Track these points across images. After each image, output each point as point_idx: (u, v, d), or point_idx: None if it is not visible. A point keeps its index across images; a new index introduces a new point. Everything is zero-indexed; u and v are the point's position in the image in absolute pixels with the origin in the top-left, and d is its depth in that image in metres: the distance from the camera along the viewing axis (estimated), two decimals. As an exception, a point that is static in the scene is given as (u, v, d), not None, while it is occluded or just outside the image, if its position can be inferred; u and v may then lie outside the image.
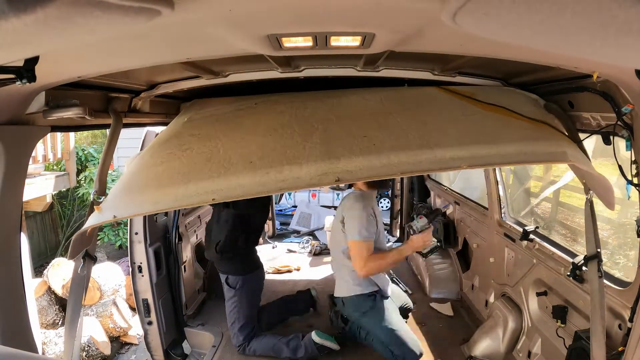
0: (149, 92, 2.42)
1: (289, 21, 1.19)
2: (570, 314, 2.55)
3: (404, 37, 1.31)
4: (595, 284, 1.95)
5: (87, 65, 1.53)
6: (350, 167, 1.70)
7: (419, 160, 1.72)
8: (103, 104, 2.18)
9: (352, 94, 2.27)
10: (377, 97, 2.20)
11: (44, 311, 5.30)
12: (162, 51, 1.46)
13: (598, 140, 1.97)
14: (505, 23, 0.90)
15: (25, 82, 1.16)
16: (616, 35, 0.81)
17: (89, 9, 0.72)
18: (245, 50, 1.45)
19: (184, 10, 0.93)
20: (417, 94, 2.25)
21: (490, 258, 3.70)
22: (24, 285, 1.79)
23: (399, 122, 1.94)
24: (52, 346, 4.94)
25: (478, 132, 1.88)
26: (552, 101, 2.15)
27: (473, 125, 1.93)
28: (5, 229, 1.69)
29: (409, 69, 2.24)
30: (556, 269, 2.68)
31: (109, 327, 5.39)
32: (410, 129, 1.87)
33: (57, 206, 8.87)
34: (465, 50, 1.52)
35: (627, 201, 2.37)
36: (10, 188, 1.67)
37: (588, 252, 2.04)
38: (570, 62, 1.55)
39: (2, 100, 1.52)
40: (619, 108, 1.67)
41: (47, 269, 5.57)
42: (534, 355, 2.91)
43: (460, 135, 1.83)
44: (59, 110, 1.80)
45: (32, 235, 8.03)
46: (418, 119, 1.97)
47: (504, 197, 3.63)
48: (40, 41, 0.86)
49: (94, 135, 10.72)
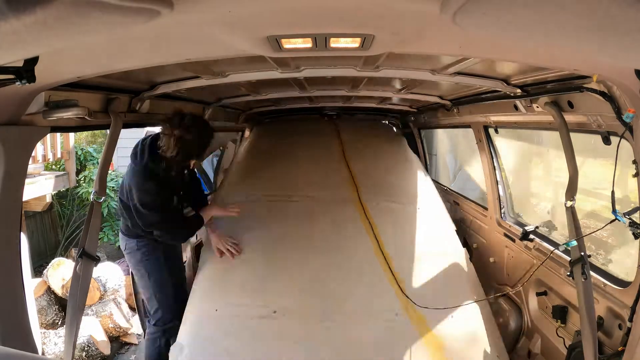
0: (149, 92, 2.42)
1: (288, 23, 1.19)
2: (570, 314, 2.55)
3: (404, 38, 1.31)
4: (580, 287, 1.97)
5: (87, 66, 1.53)
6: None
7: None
8: (103, 105, 2.18)
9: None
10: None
11: (44, 311, 5.30)
12: (161, 52, 1.46)
13: (598, 140, 1.97)
14: (504, 23, 0.90)
15: (25, 83, 1.16)
16: (615, 35, 0.81)
17: (88, 10, 0.72)
18: (245, 51, 1.45)
19: (184, 11, 0.93)
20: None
21: (490, 258, 3.70)
22: (23, 285, 1.79)
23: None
24: (51, 346, 4.94)
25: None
26: (552, 101, 2.15)
27: None
28: (5, 229, 1.69)
29: (409, 69, 2.25)
30: (556, 269, 2.68)
31: (108, 327, 5.39)
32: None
33: (57, 206, 8.86)
34: (465, 52, 1.52)
35: (626, 201, 2.37)
36: (10, 188, 1.67)
37: (573, 257, 2.05)
38: (569, 64, 1.55)
39: (2, 101, 1.52)
40: (618, 108, 1.67)
41: (46, 269, 5.57)
42: (534, 355, 2.91)
43: None
44: (58, 111, 1.80)
45: (31, 235, 8.02)
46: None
47: (504, 197, 3.63)
48: (40, 42, 0.86)
49: (94, 134, 10.71)
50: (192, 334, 2.51)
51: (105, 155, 2.25)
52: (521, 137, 3.67)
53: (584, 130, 2.21)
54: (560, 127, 2.12)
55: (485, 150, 3.60)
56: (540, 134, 3.38)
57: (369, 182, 3.47)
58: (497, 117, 3.16)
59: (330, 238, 2.99)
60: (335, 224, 3.09)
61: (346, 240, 2.97)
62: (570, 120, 2.14)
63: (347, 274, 2.76)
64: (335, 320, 2.52)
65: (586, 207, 2.89)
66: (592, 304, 1.96)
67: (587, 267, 1.97)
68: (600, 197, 2.74)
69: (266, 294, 2.63)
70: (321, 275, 2.74)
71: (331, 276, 2.74)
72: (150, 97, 2.47)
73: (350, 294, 2.64)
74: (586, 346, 1.93)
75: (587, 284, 1.95)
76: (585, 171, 2.73)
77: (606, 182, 1.87)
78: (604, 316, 2.15)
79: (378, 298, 2.63)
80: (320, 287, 2.67)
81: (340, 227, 3.07)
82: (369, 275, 2.75)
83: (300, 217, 3.15)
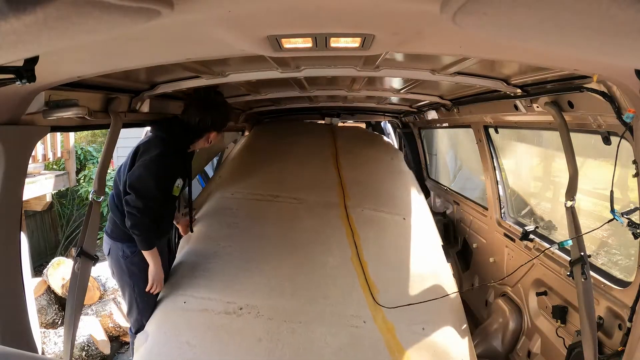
0: (149, 92, 2.42)
1: (288, 22, 1.19)
2: (570, 314, 2.55)
3: (404, 38, 1.31)
4: (580, 287, 1.97)
5: (87, 66, 1.53)
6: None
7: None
8: (103, 104, 2.18)
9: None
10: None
11: (44, 311, 5.30)
12: (161, 51, 1.47)
13: (597, 140, 1.97)
14: (504, 22, 0.90)
15: (25, 82, 1.16)
16: (615, 35, 0.81)
17: (89, 9, 0.72)
18: (245, 51, 1.45)
19: (184, 11, 0.93)
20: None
21: (490, 258, 3.70)
22: (23, 284, 1.79)
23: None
24: (51, 345, 4.94)
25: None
26: (552, 101, 2.15)
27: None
28: (5, 229, 1.69)
29: (409, 69, 2.25)
30: (556, 269, 2.68)
31: (108, 326, 5.39)
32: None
33: (57, 205, 8.86)
34: (465, 52, 1.52)
35: (626, 200, 2.37)
36: (10, 188, 1.67)
37: (573, 257, 2.05)
38: (569, 64, 1.55)
39: (2, 100, 1.52)
40: (619, 108, 1.67)
41: (46, 269, 5.56)
42: (534, 355, 2.91)
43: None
44: (58, 111, 1.80)
45: (31, 235, 8.02)
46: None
47: (504, 197, 3.63)
48: (40, 41, 0.86)
49: (94, 134, 10.71)
50: (158, 324, 2.50)
51: (105, 154, 2.24)
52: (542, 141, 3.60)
53: (584, 130, 2.21)
54: (560, 127, 2.12)
55: (485, 150, 3.60)
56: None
57: (357, 189, 3.45)
58: (497, 117, 3.16)
59: (309, 240, 2.96)
60: (316, 227, 3.07)
61: (325, 244, 2.95)
62: (570, 120, 2.14)
63: (321, 277, 2.73)
64: (300, 321, 2.48)
65: (602, 212, 2.86)
66: (592, 304, 1.96)
67: (587, 267, 1.98)
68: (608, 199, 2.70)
69: (235, 290, 2.60)
70: (294, 276, 2.71)
71: (304, 278, 2.71)
72: (151, 96, 2.47)
73: (320, 297, 2.61)
74: (586, 346, 1.93)
75: (587, 284, 1.96)
76: (598, 173, 2.71)
77: (616, 184, 1.86)
78: (604, 316, 2.15)
79: (348, 304, 2.59)
80: (290, 288, 2.64)
81: (320, 230, 3.05)
82: (342, 280, 2.72)
83: (283, 217, 3.14)
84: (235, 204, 3.22)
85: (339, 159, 3.83)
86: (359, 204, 3.29)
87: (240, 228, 3.01)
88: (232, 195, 3.31)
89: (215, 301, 2.54)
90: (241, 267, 2.73)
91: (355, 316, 2.54)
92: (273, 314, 2.50)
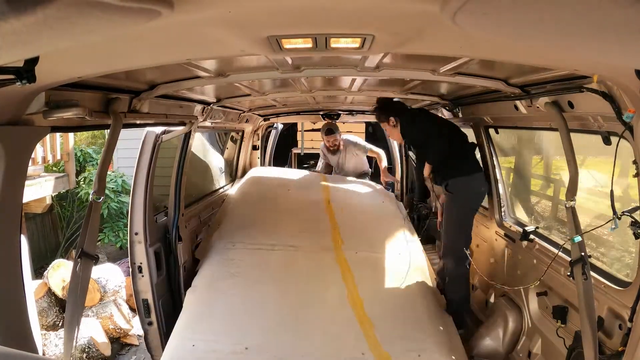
0: (149, 92, 2.42)
1: (288, 23, 1.19)
2: (571, 314, 2.54)
3: (404, 39, 1.31)
4: (581, 287, 1.97)
5: (87, 66, 1.54)
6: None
7: None
8: (103, 105, 2.18)
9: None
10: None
11: (44, 313, 5.29)
12: (162, 52, 1.47)
13: (597, 140, 1.97)
14: (504, 22, 0.90)
15: (25, 83, 1.16)
16: (615, 35, 0.81)
17: (89, 9, 0.72)
18: (245, 51, 1.45)
19: (184, 11, 0.93)
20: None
21: (491, 258, 3.70)
22: (24, 286, 1.79)
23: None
24: (52, 347, 4.94)
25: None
26: (552, 101, 2.15)
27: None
28: (6, 231, 1.69)
29: (409, 69, 2.25)
30: (556, 269, 2.68)
31: (109, 328, 5.38)
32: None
33: (57, 207, 8.85)
34: (465, 52, 1.52)
35: (625, 200, 2.37)
36: (10, 189, 1.67)
37: (573, 257, 2.05)
38: (570, 64, 1.55)
39: (2, 101, 1.52)
40: (619, 108, 1.67)
41: (47, 271, 5.56)
42: (534, 356, 2.90)
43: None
44: (58, 111, 1.80)
45: (32, 237, 8.00)
46: None
47: (504, 197, 3.63)
48: (40, 42, 0.86)
49: (93, 136, 10.71)
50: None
51: (105, 155, 2.24)
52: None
53: (584, 130, 2.21)
54: (560, 127, 2.12)
55: (485, 150, 3.61)
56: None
57: (350, 233, 3.80)
58: (497, 117, 3.16)
59: (307, 282, 3.26)
60: (313, 270, 3.39)
61: (322, 284, 3.24)
62: (570, 120, 2.14)
63: (319, 315, 2.97)
64: (303, 357, 2.68)
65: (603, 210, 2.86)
66: (593, 304, 1.95)
67: (587, 267, 1.97)
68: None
69: (241, 331, 2.83)
70: (294, 315, 2.96)
71: (304, 316, 2.95)
72: (151, 97, 2.47)
73: (320, 333, 2.83)
74: (586, 346, 1.93)
75: (587, 284, 1.95)
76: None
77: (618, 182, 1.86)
78: (604, 316, 2.15)
79: (347, 338, 2.81)
80: (292, 326, 2.87)
81: (317, 273, 3.36)
82: (340, 316, 2.96)
83: (281, 264, 3.46)
84: (237, 254, 3.57)
85: (331, 205, 4.22)
86: (354, 247, 3.63)
87: (243, 276, 3.33)
88: (233, 246, 3.66)
89: (222, 343, 2.74)
90: (245, 311, 2.99)
91: (355, 348, 2.74)
92: (277, 351, 2.70)
